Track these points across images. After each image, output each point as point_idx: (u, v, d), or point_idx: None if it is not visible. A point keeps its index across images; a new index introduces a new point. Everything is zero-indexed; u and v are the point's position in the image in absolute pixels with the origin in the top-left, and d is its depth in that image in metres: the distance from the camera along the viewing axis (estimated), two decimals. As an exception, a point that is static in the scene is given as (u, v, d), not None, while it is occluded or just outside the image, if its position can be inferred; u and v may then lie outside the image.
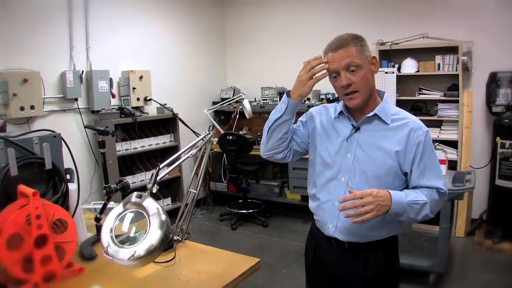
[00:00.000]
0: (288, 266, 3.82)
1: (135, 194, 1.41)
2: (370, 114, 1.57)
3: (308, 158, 1.77)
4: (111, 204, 2.19)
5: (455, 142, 4.34)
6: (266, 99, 5.47)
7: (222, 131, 4.88)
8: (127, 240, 1.35)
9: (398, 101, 4.49)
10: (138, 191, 1.42)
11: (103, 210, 1.92)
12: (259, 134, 5.63)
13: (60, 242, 1.54)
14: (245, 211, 5.12)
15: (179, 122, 4.79)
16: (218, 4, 6.06)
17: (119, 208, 1.41)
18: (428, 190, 1.53)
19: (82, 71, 4.14)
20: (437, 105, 4.49)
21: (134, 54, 4.79)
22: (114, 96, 4.45)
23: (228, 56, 6.25)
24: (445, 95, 4.40)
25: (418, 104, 4.66)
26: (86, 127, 4.17)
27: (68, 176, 1.86)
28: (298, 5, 5.47)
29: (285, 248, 4.27)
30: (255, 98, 5.70)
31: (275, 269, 3.76)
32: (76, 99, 4.12)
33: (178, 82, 5.40)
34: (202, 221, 5.21)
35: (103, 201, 1.95)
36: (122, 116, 4.37)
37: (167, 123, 4.97)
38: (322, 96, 5.14)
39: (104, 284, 1.53)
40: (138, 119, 4.43)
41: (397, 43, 4.54)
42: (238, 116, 5.46)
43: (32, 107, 3.61)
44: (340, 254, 1.65)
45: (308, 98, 5.00)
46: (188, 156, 1.78)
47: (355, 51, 1.49)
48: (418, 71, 4.53)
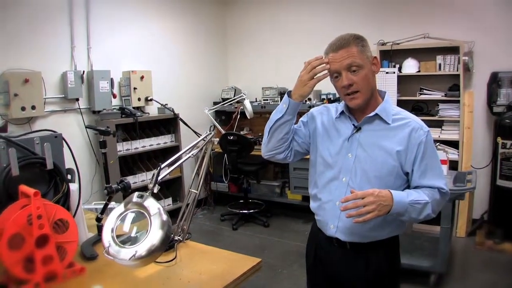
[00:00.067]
0: (289, 266, 3.82)
1: (136, 194, 1.41)
2: (371, 114, 1.57)
3: (309, 158, 1.77)
4: (112, 204, 2.19)
5: (456, 142, 4.34)
6: (267, 99, 5.47)
7: (223, 131, 4.88)
8: (128, 240, 1.35)
9: (399, 101, 4.49)
10: (139, 191, 1.42)
11: (104, 210, 1.92)
12: (260, 134, 5.63)
13: (61, 242, 1.54)
14: (246, 211, 5.12)
15: (180, 122, 4.79)
16: (219, 4, 6.06)
17: (120, 208, 1.41)
18: (429, 190, 1.52)
19: (83, 71, 4.14)
20: (438, 105, 4.49)
21: (135, 54, 4.79)
22: (115, 96, 4.44)
23: (229, 56, 6.26)
24: (446, 95, 4.40)
25: (419, 104, 4.66)
26: (87, 127, 4.18)
27: (69, 176, 1.86)
28: (299, 5, 5.48)
29: (286, 248, 4.27)
30: (256, 98, 5.70)
31: (276, 269, 3.76)
32: (77, 99, 4.12)
33: (179, 82, 5.40)
34: (203, 221, 5.21)
35: (104, 201, 1.96)
36: (123, 116, 4.37)
37: (168, 123, 4.97)
38: (323, 96, 5.13)
39: (105, 284, 1.54)
40: (139, 119, 4.43)
41: (398, 43, 4.54)
42: (239, 116, 5.45)
43: (33, 107, 3.61)
44: (341, 254, 1.65)
45: (309, 98, 5.00)
46: (189, 156, 1.78)
47: (356, 51, 1.49)
48: (419, 71, 4.53)
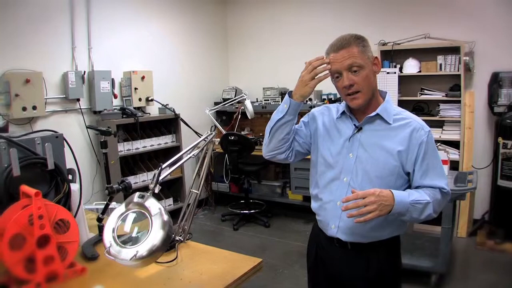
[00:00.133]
0: (290, 266, 3.82)
1: (137, 194, 1.41)
2: (372, 114, 1.56)
3: (310, 159, 1.77)
4: (113, 204, 2.19)
5: (457, 142, 4.33)
6: (268, 100, 5.47)
7: (224, 132, 4.88)
8: (129, 240, 1.35)
9: (400, 101, 4.49)
10: (140, 191, 1.42)
11: (105, 210, 1.92)
12: (261, 134, 5.63)
13: (62, 242, 1.54)
14: (247, 212, 5.12)
15: (181, 123, 4.79)
16: (220, 4, 6.06)
17: (121, 208, 1.41)
18: (431, 190, 1.52)
19: (84, 72, 4.15)
20: (439, 105, 4.48)
21: (136, 54, 4.79)
22: (116, 96, 4.45)
23: (230, 56, 6.26)
24: (447, 95, 4.40)
25: (420, 104, 4.66)
26: (88, 128, 4.18)
27: (70, 176, 1.86)
28: (300, 5, 5.47)
29: (287, 248, 4.27)
30: (257, 99, 5.71)
31: (277, 269, 3.76)
32: (78, 100, 4.12)
33: (180, 83, 5.40)
34: (204, 221, 5.21)
35: (105, 201, 1.96)
36: (124, 116, 4.38)
37: (169, 124, 4.97)
38: (324, 96, 5.14)
39: (106, 284, 1.54)
40: (140, 120, 4.44)
41: (399, 44, 4.54)
42: (240, 116, 5.45)
43: (34, 108, 3.62)
44: (342, 254, 1.65)
45: (310, 99, 5.00)
46: (190, 156, 1.78)
47: (357, 52, 1.49)
48: (420, 71, 4.52)
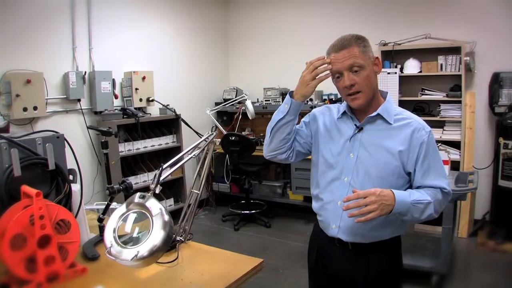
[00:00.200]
0: (290, 266, 3.82)
1: (138, 194, 1.41)
2: (373, 114, 1.57)
3: (310, 159, 1.77)
4: (114, 204, 2.20)
5: (458, 142, 4.33)
6: (269, 100, 5.47)
7: (225, 132, 4.88)
8: (130, 240, 1.35)
9: (400, 101, 4.49)
10: (141, 192, 1.42)
11: (106, 210, 1.92)
12: (262, 134, 5.63)
13: (63, 243, 1.55)
14: (247, 212, 5.12)
15: (182, 123, 4.78)
16: (221, 4, 6.06)
17: (122, 208, 1.41)
18: (432, 190, 1.52)
19: (85, 72, 4.14)
20: (439, 105, 4.48)
21: (137, 54, 4.79)
22: (116, 97, 4.45)
23: (230, 56, 6.26)
24: (447, 96, 4.40)
25: (421, 104, 4.66)
26: (89, 128, 4.18)
27: (71, 176, 1.87)
28: (301, 5, 5.47)
29: (287, 248, 4.26)
30: (258, 99, 5.71)
31: (278, 269, 3.76)
32: (79, 100, 4.12)
33: (180, 83, 5.41)
34: (204, 221, 5.21)
35: (106, 201, 1.96)
36: (124, 116, 4.37)
37: (170, 124, 4.97)
38: (325, 96, 5.14)
39: (106, 284, 1.54)
40: (140, 120, 4.43)
41: (399, 44, 4.53)
42: (240, 116, 5.45)
43: (35, 108, 3.62)
44: (343, 255, 1.65)
45: (310, 99, 5.00)
46: (191, 157, 1.78)
47: (358, 52, 1.49)
48: (420, 72, 4.52)
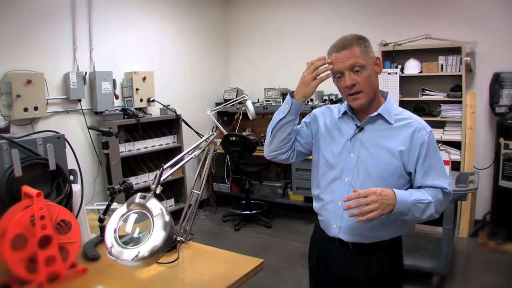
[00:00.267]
0: (291, 267, 3.82)
1: (139, 195, 1.41)
2: (374, 114, 1.57)
3: (311, 159, 1.77)
4: (115, 205, 2.19)
5: (459, 143, 4.33)
6: (269, 100, 5.47)
7: (225, 132, 4.88)
8: (131, 240, 1.35)
9: (401, 102, 4.49)
10: (141, 192, 1.42)
11: (107, 210, 1.93)
12: (262, 135, 5.63)
13: (64, 243, 1.55)
14: (248, 212, 5.11)
15: (182, 123, 4.77)
16: (221, 4, 6.06)
17: (123, 208, 1.41)
18: (433, 190, 1.52)
19: (86, 72, 4.14)
20: (440, 106, 4.48)
21: (137, 55, 4.79)
22: (117, 97, 4.45)
23: (231, 56, 6.26)
24: (448, 96, 4.39)
25: (421, 105, 4.65)
26: (89, 128, 4.18)
27: (71, 177, 1.87)
28: (301, 5, 5.47)
29: (288, 249, 4.26)
30: (258, 99, 5.71)
31: (279, 270, 3.76)
32: (79, 100, 4.13)
33: (181, 83, 5.41)
34: (205, 222, 5.21)
35: (107, 202, 1.96)
36: (125, 117, 4.37)
37: (170, 124, 4.97)
38: (325, 97, 5.14)
39: (107, 284, 1.54)
40: (141, 120, 4.43)
41: (400, 44, 4.53)
42: (241, 117, 5.45)
43: (35, 108, 3.62)
44: (343, 255, 1.65)
45: (311, 99, 5.00)
46: (191, 157, 1.78)
47: (359, 52, 1.49)
48: (421, 72, 4.52)
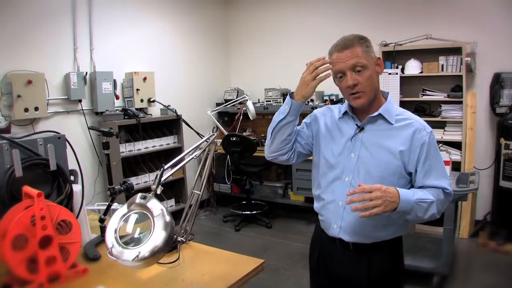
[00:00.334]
0: (292, 267, 3.82)
1: (140, 195, 1.41)
2: (375, 114, 1.57)
3: (311, 159, 1.77)
4: (115, 205, 2.20)
5: (459, 143, 4.33)
6: (270, 101, 5.47)
7: (226, 133, 4.88)
8: (132, 241, 1.36)
9: (401, 102, 4.49)
10: (142, 192, 1.42)
11: (107, 211, 1.93)
12: (263, 135, 5.63)
13: (64, 243, 1.55)
14: (248, 212, 5.11)
15: (183, 124, 4.77)
16: (222, 4, 6.07)
17: (124, 209, 1.42)
18: (434, 190, 1.52)
19: (86, 73, 4.14)
20: (440, 106, 4.48)
21: (138, 55, 4.80)
22: (118, 97, 4.45)
23: (231, 57, 6.26)
24: (448, 96, 4.39)
25: (422, 105, 4.65)
26: (90, 129, 4.18)
27: (72, 177, 1.87)
28: (302, 6, 5.47)
29: (289, 249, 4.26)
30: (259, 100, 5.71)
31: (279, 270, 3.75)
32: (80, 101, 4.13)
33: (181, 84, 5.41)
34: (205, 222, 5.21)
35: (107, 202, 1.96)
36: (125, 117, 4.37)
37: (171, 125, 4.97)
38: (326, 97, 5.14)
39: (108, 285, 1.53)
40: (141, 121, 4.43)
41: (400, 44, 4.53)
42: (241, 117, 5.46)
43: (36, 109, 3.63)
44: (344, 255, 1.65)
45: (311, 99, 5.00)
46: (192, 157, 1.78)
47: (361, 52, 1.49)
48: (421, 72, 4.52)
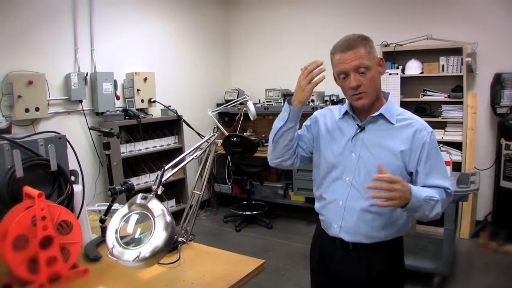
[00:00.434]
0: (292, 267, 3.82)
1: (140, 195, 1.41)
2: (376, 114, 1.57)
3: (312, 160, 1.77)
4: (116, 205, 2.20)
5: (460, 143, 4.32)
6: (270, 101, 5.48)
7: (227, 133, 4.89)
8: (132, 241, 1.36)
9: (402, 102, 4.48)
10: (142, 193, 1.42)
11: (108, 211, 1.93)
12: (263, 135, 5.64)
13: (65, 243, 1.55)
14: (249, 213, 5.11)
15: (183, 124, 4.78)
16: (222, 5, 6.07)
17: (124, 209, 1.42)
18: (437, 190, 1.52)
19: (87, 73, 4.15)
20: (441, 106, 4.48)
21: (138, 56, 4.80)
22: (118, 98, 4.46)
23: (232, 57, 6.27)
24: (449, 97, 4.39)
25: (422, 105, 4.65)
26: (90, 129, 4.18)
27: (73, 177, 1.87)
28: (302, 6, 5.48)
29: (289, 249, 4.26)
30: (259, 100, 5.72)
31: (280, 270, 3.75)
32: (80, 101, 4.13)
33: (182, 84, 5.41)
34: (206, 222, 5.21)
35: (108, 202, 1.96)
36: (126, 118, 4.38)
37: (171, 125, 4.97)
38: (326, 97, 5.14)
39: (108, 285, 1.53)
40: (142, 121, 4.44)
41: (401, 45, 4.53)
42: (242, 117, 5.46)
43: (37, 109, 3.63)
44: (344, 255, 1.65)
45: (312, 100, 5.00)
46: (192, 158, 1.79)
47: (364, 53, 1.49)
48: (422, 73, 4.52)
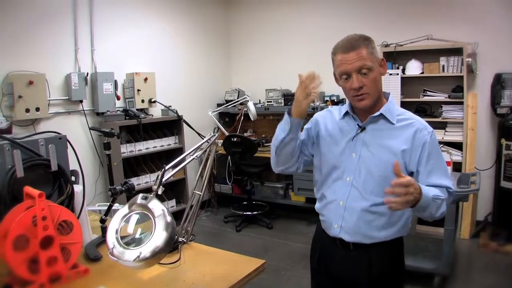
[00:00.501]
0: (292, 267, 3.82)
1: (141, 195, 1.41)
2: (376, 114, 1.57)
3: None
4: (116, 205, 2.20)
5: (460, 143, 4.32)
6: (271, 101, 5.48)
7: (227, 133, 4.88)
8: (133, 241, 1.36)
9: (402, 102, 4.48)
10: (143, 193, 1.42)
11: (108, 211, 1.93)
12: (264, 136, 5.64)
13: (65, 243, 1.55)
14: (249, 213, 5.11)
15: (184, 124, 4.78)
16: (223, 5, 6.07)
17: (125, 209, 1.42)
18: (439, 189, 1.51)
19: (87, 73, 4.15)
20: (441, 106, 4.48)
21: (139, 56, 4.80)
22: (118, 98, 4.46)
23: (232, 57, 6.27)
24: (449, 97, 4.39)
25: (423, 105, 4.65)
26: (91, 129, 4.19)
27: (73, 177, 1.87)
28: (303, 6, 5.48)
29: (289, 249, 4.26)
30: (260, 100, 5.72)
31: (280, 270, 3.75)
32: (81, 101, 4.13)
33: (182, 84, 5.41)
34: (206, 223, 5.22)
35: (108, 202, 1.96)
36: (126, 118, 4.38)
37: (172, 125, 4.97)
38: (327, 98, 5.14)
39: (109, 285, 1.53)
40: (142, 121, 4.44)
41: (401, 45, 4.53)
42: (242, 118, 5.46)
43: (37, 109, 3.63)
44: (344, 255, 1.65)
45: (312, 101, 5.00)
46: (193, 158, 1.79)
47: (367, 53, 1.48)
48: (422, 73, 4.52)
